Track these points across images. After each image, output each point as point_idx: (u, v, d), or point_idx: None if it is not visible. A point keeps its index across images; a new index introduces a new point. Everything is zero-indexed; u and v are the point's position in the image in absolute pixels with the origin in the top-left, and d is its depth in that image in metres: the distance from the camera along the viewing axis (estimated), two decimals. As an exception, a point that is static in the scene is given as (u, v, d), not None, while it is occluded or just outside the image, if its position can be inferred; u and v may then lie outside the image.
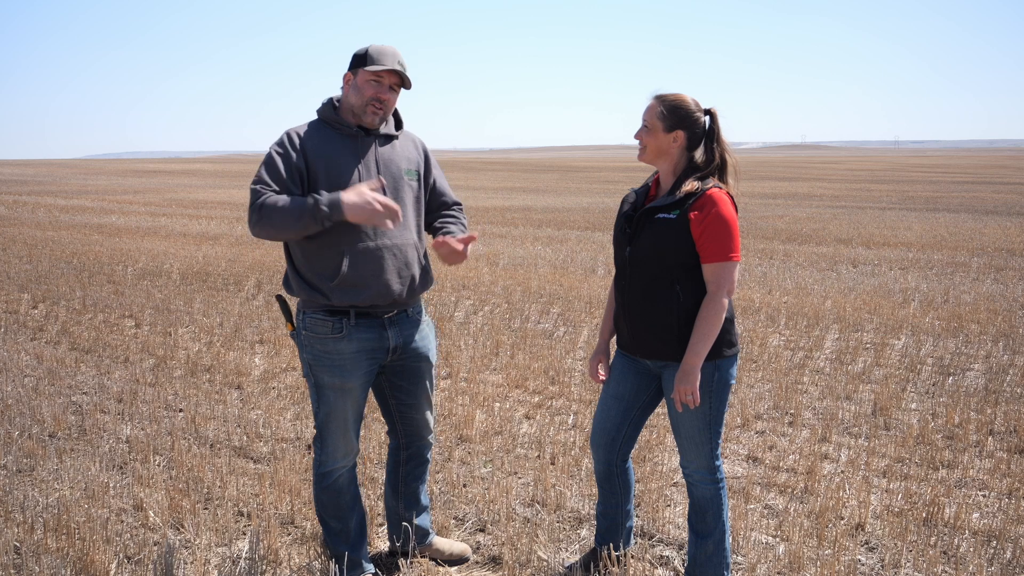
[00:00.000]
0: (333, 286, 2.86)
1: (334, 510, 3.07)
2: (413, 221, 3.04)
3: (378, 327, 2.97)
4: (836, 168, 62.52)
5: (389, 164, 2.98)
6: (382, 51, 2.88)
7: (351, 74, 2.91)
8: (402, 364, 3.10)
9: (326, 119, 2.95)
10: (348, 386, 2.95)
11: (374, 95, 2.88)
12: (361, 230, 2.86)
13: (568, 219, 19.14)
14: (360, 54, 2.89)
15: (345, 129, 2.92)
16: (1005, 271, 11.10)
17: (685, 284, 2.79)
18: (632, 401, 3.02)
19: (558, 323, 7.75)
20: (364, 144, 2.94)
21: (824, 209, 22.19)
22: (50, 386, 5.62)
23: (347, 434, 3.02)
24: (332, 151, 2.89)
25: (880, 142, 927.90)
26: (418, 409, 3.20)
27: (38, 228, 16.68)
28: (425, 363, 3.15)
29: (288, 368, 6.13)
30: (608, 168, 64.33)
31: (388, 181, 2.95)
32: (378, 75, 2.86)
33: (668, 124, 2.80)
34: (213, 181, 42.12)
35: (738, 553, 3.39)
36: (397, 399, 3.17)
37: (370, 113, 2.90)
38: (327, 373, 2.94)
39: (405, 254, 2.97)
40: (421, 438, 3.25)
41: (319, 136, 2.91)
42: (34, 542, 3.35)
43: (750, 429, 4.90)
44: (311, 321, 2.94)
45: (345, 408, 2.98)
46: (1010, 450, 4.54)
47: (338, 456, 3.03)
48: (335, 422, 2.99)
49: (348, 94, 2.92)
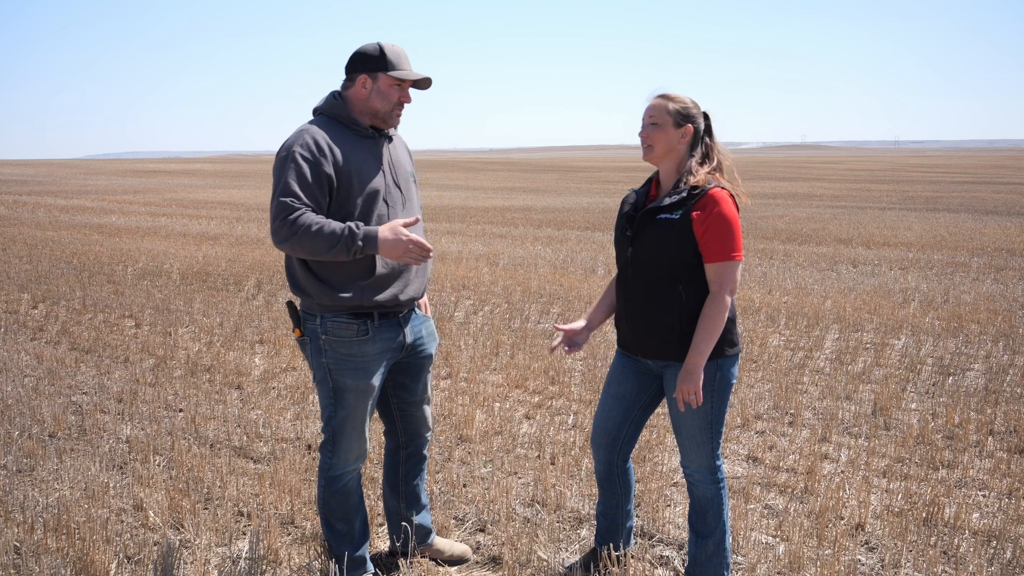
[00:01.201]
0: (365, 286, 2.84)
1: (342, 513, 3.06)
2: (421, 220, 3.05)
3: (396, 326, 2.99)
4: (836, 168, 62.53)
5: (398, 165, 2.99)
6: (398, 54, 2.86)
7: (368, 77, 2.84)
8: (408, 361, 3.11)
9: (339, 118, 2.89)
10: (369, 387, 2.95)
11: (399, 100, 2.88)
12: None
13: (568, 219, 19.15)
14: (374, 55, 2.83)
15: (361, 130, 2.89)
16: (1005, 271, 11.10)
17: (687, 284, 2.79)
18: (633, 401, 3.02)
19: (558, 323, 7.75)
20: (379, 145, 2.94)
21: (824, 209, 22.19)
22: (50, 386, 5.62)
23: (361, 436, 3.01)
24: (357, 155, 2.85)
25: (880, 142, 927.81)
26: (419, 406, 3.21)
27: (38, 228, 16.68)
28: (428, 360, 3.17)
29: (288, 368, 6.13)
30: (608, 168, 64.33)
31: (401, 182, 2.97)
32: (402, 80, 2.85)
33: (677, 121, 2.82)
34: (213, 181, 42.12)
35: (738, 553, 3.39)
36: (399, 397, 3.17)
37: (395, 117, 2.91)
38: (350, 376, 2.92)
39: None
40: (420, 436, 3.26)
41: (339, 138, 2.84)
42: (34, 542, 3.35)
43: (750, 429, 4.90)
44: (333, 325, 2.88)
45: (364, 410, 2.98)
46: (1010, 450, 4.54)
47: (351, 459, 3.02)
48: (352, 425, 2.97)
49: (369, 98, 2.86)
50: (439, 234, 15.57)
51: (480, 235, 15.80)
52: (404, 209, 2.96)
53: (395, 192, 2.93)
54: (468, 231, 16.61)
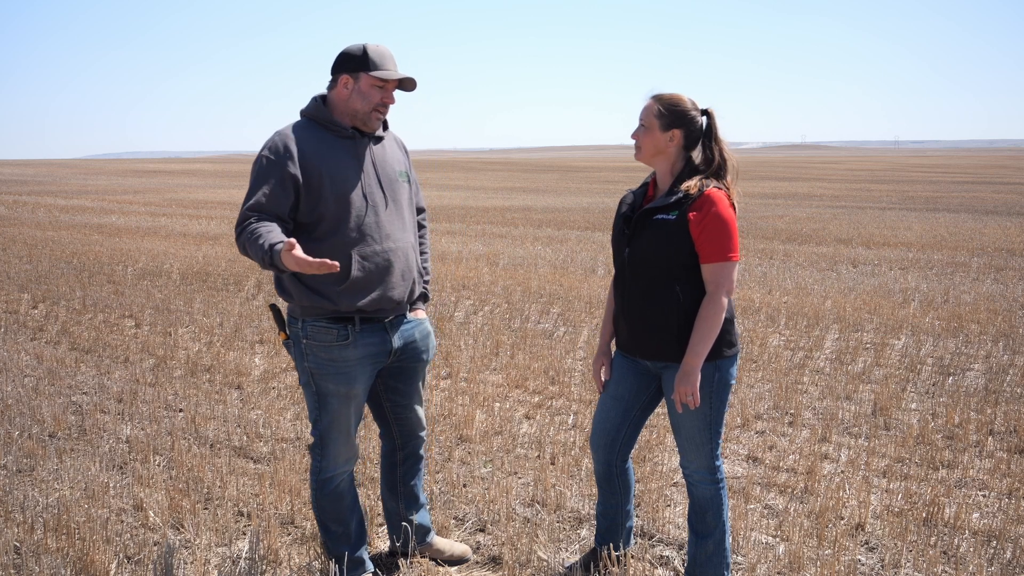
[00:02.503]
0: (341, 290, 2.81)
1: (335, 514, 3.06)
2: (410, 223, 3.03)
3: (380, 331, 2.95)
4: (836, 168, 62.52)
5: (384, 166, 2.95)
6: (382, 54, 2.83)
7: (350, 77, 2.83)
8: (399, 365, 3.08)
9: (318, 119, 2.88)
10: (353, 392, 2.93)
11: (381, 100, 2.85)
12: (367, 234, 2.84)
13: (568, 219, 19.15)
14: (357, 55, 2.82)
15: (340, 131, 2.87)
16: (1005, 271, 11.10)
17: (684, 285, 2.78)
18: (632, 402, 3.02)
19: (558, 323, 7.76)
20: (360, 146, 2.90)
21: (824, 209, 22.19)
22: (50, 386, 5.62)
23: (349, 439, 3.01)
24: (331, 155, 2.83)
25: (880, 142, 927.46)
26: (411, 408, 3.19)
27: (38, 228, 16.68)
28: (420, 363, 3.14)
29: (288, 368, 6.13)
30: (608, 168, 64.33)
31: (385, 183, 2.93)
32: (384, 81, 2.83)
33: (665, 123, 2.80)
34: (213, 181, 42.12)
35: (738, 553, 3.39)
36: (392, 401, 3.16)
37: (374, 119, 2.87)
38: (332, 381, 2.90)
39: (407, 256, 2.97)
40: (416, 436, 3.25)
41: (313, 139, 2.84)
42: (34, 542, 3.35)
43: (750, 429, 4.90)
44: (313, 329, 2.87)
45: (348, 414, 2.96)
46: (1010, 450, 4.54)
47: (340, 462, 3.01)
48: (337, 429, 2.96)
49: (350, 98, 2.84)
50: (439, 234, 15.57)
51: (480, 235, 15.80)
52: (387, 210, 2.91)
53: (377, 193, 2.89)
54: (468, 231, 16.61)
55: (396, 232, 2.91)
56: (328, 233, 2.81)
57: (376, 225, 2.86)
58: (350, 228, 2.80)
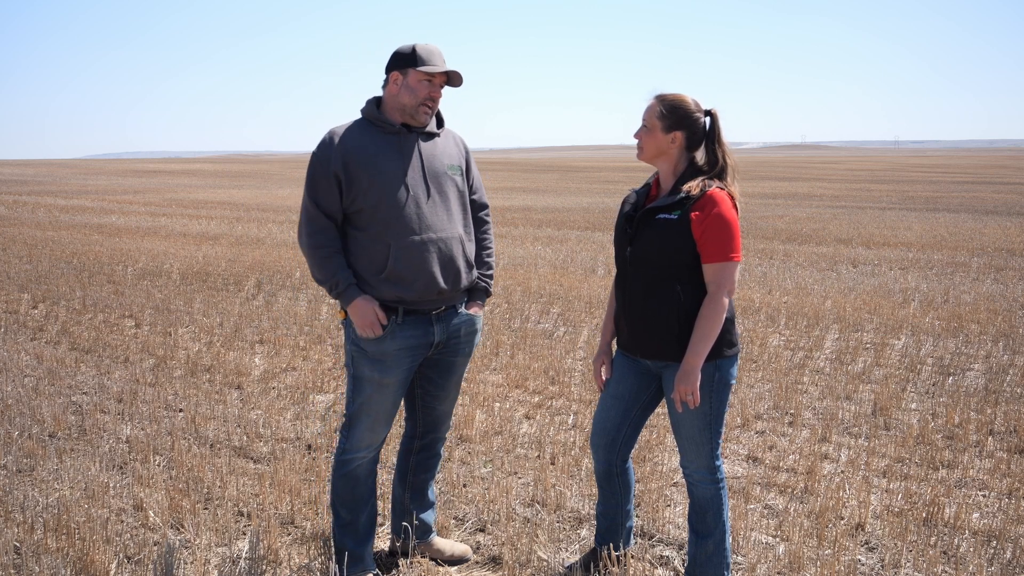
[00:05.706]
0: (381, 279, 2.91)
1: (347, 499, 3.08)
2: (459, 215, 3.07)
3: (424, 324, 3.01)
4: (836, 168, 62.52)
5: (432, 160, 3.02)
6: (430, 51, 2.95)
7: (399, 74, 2.95)
8: (438, 358, 3.13)
9: (370, 117, 3.01)
10: (387, 382, 2.98)
11: (428, 95, 2.94)
12: (407, 223, 2.91)
13: (568, 219, 19.15)
14: (406, 53, 2.94)
15: (389, 127, 2.97)
16: (1005, 271, 11.10)
17: (686, 284, 2.78)
18: (632, 401, 3.02)
19: (558, 323, 7.76)
20: (408, 141, 2.99)
21: (824, 209, 22.19)
22: (50, 386, 5.62)
23: (376, 427, 3.05)
24: (375, 149, 2.94)
25: (880, 142, 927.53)
26: (443, 401, 3.24)
27: (38, 228, 16.68)
28: (462, 359, 3.19)
29: (288, 368, 6.13)
30: (608, 168, 64.32)
31: (430, 176, 3.00)
32: (431, 75, 2.92)
33: (667, 124, 2.80)
34: (213, 181, 42.13)
35: (738, 553, 3.39)
36: (424, 389, 3.20)
37: (423, 112, 2.97)
38: (368, 367, 2.98)
39: (450, 247, 3.00)
40: (436, 430, 3.28)
41: (361, 135, 2.96)
42: (34, 542, 3.35)
43: (750, 429, 4.90)
44: None
45: (380, 402, 3.01)
46: (1010, 450, 4.54)
47: (361, 446, 3.06)
48: (367, 413, 3.02)
49: (399, 93, 2.95)
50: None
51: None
52: (430, 201, 2.98)
53: (420, 185, 2.97)
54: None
55: (439, 223, 2.97)
56: (368, 223, 2.93)
57: (417, 216, 2.93)
58: (389, 218, 2.90)
